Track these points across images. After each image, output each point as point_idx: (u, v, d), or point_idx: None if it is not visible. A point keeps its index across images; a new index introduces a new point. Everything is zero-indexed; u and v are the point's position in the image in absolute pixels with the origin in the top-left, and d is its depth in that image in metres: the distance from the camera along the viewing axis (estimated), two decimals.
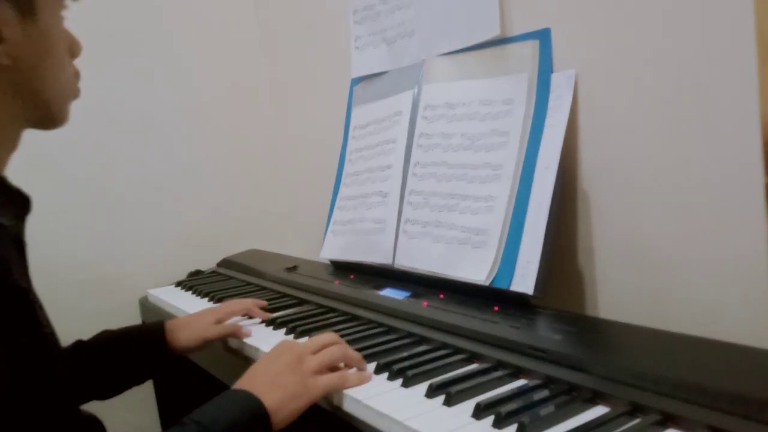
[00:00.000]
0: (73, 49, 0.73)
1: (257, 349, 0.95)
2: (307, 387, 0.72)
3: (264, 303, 1.12)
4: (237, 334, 1.01)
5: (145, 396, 1.52)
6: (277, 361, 0.75)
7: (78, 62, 0.75)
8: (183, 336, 0.99)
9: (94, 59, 0.79)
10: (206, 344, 1.01)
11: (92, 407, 0.92)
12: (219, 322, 1.03)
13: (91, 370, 0.94)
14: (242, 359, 0.99)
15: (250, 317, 1.08)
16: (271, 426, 0.68)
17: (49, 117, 0.70)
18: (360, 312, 1.02)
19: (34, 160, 0.75)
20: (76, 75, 0.74)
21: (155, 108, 1.64)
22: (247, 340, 0.98)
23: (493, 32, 1.02)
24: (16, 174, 0.71)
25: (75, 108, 0.74)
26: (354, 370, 0.78)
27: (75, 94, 0.73)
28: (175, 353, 0.99)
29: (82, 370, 0.93)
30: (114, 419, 0.68)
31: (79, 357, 0.95)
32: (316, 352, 0.77)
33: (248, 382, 0.72)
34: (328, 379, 0.74)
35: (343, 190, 1.35)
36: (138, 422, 1.53)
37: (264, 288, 1.31)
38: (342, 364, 0.79)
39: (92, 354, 0.96)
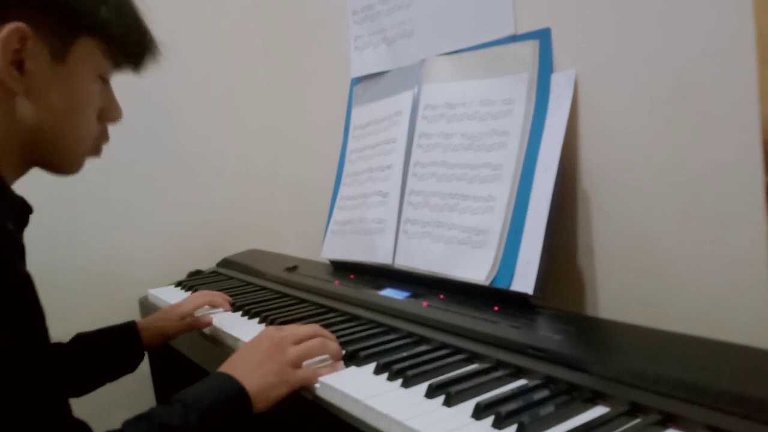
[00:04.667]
0: (110, 114, 0.77)
1: None
2: (285, 377, 0.75)
3: (228, 298, 1.18)
4: (198, 325, 1.08)
5: (145, 396, 1.51)
6: (258, 350, 0.78)
7: None
8: (146, 336, 1.05)
9: None
10: (170, 340, 1.09)
11: (92, 406, 0.92)
12: (183, 317, 1.09)
13: (66, 369, 0.98)
14: None
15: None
16: (251, 410, 0.72)
17: (60, 165, 0.74)
18: (360, 312, 1.02)
19: None
20: (103, 137, 0.77)
21: (155, 107, 1.64)
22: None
23: (507, 31, 1.02)
24: None
25: None
26: (329, 359, 0.81)
27: (94, 152, 0.77)
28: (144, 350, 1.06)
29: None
30: (114, 419, 0.68)
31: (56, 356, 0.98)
32: (296, 342, 0.79)
33: (230, 367, 0.76)
34: (305, 373, 0.77)
35: (343, 190, 1.35)
36: None
37: (264, 288, 1.31)
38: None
39: (67, 354, 0.99)
